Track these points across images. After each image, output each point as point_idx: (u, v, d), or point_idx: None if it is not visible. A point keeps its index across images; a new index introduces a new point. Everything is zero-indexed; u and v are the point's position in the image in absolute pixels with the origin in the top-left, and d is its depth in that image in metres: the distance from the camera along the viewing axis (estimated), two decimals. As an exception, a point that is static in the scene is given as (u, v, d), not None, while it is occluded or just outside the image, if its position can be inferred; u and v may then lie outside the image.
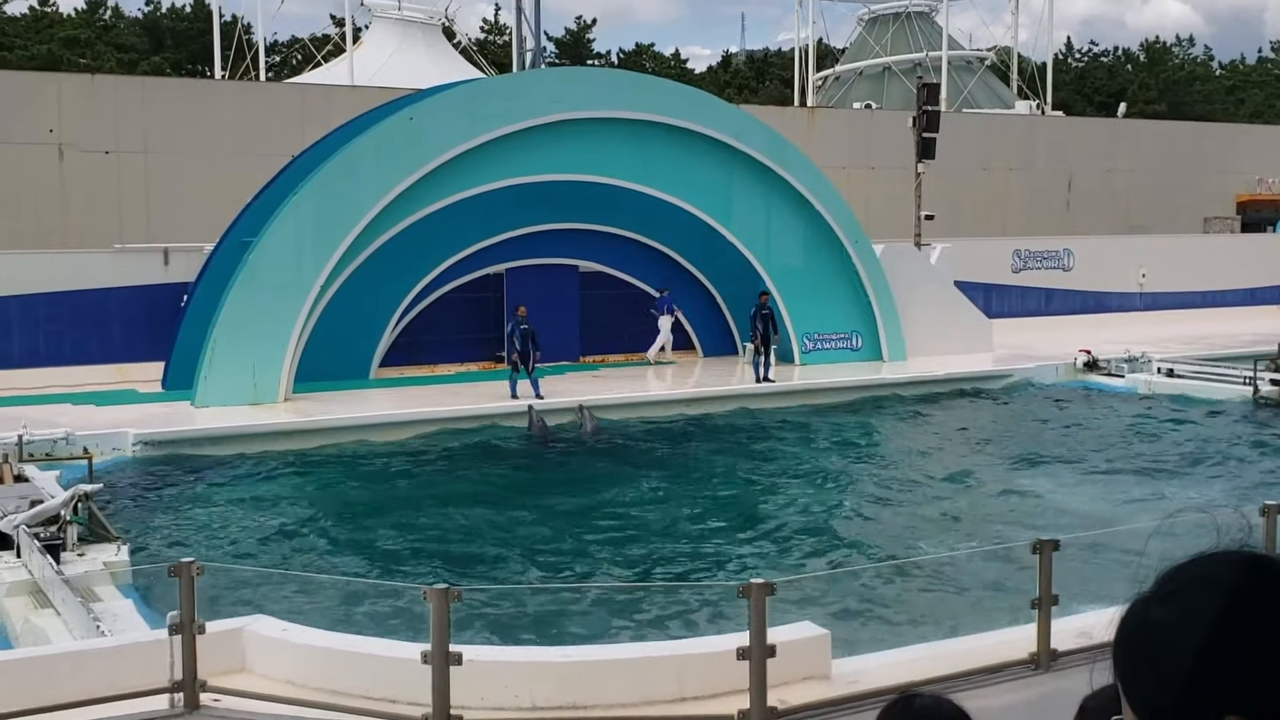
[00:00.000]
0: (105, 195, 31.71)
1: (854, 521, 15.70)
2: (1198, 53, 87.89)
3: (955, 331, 28.60)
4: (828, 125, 42.32)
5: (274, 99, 36.21)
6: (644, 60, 75.23)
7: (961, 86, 55.74)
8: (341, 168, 23.03)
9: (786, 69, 69.17)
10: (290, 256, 22.59)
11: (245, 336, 21.87)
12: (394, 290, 24.70)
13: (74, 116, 31.57)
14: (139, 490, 16.97)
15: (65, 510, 12.45)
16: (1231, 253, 39.69)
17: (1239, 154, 50.21)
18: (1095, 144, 47.51)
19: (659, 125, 25.45)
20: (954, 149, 37.38)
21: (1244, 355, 26.60)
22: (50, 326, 24.21)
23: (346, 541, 14.60)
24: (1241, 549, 1.47)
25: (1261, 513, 8.95)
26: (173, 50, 67.01)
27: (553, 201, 25.42)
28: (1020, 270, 34.96)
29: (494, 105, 24.33)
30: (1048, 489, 17.34)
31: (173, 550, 13.42)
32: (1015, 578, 10.93)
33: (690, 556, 13.95)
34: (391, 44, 48.21)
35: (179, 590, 7.62)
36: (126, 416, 20.37)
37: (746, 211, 26.59)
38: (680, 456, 19.67)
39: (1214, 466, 18.87)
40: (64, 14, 67.08)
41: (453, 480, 18.11)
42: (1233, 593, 1.40)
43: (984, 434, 22.21)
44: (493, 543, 14.49)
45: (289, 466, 18.66)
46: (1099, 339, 29.25)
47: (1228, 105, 79.25)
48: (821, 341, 27.47)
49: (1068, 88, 73.34)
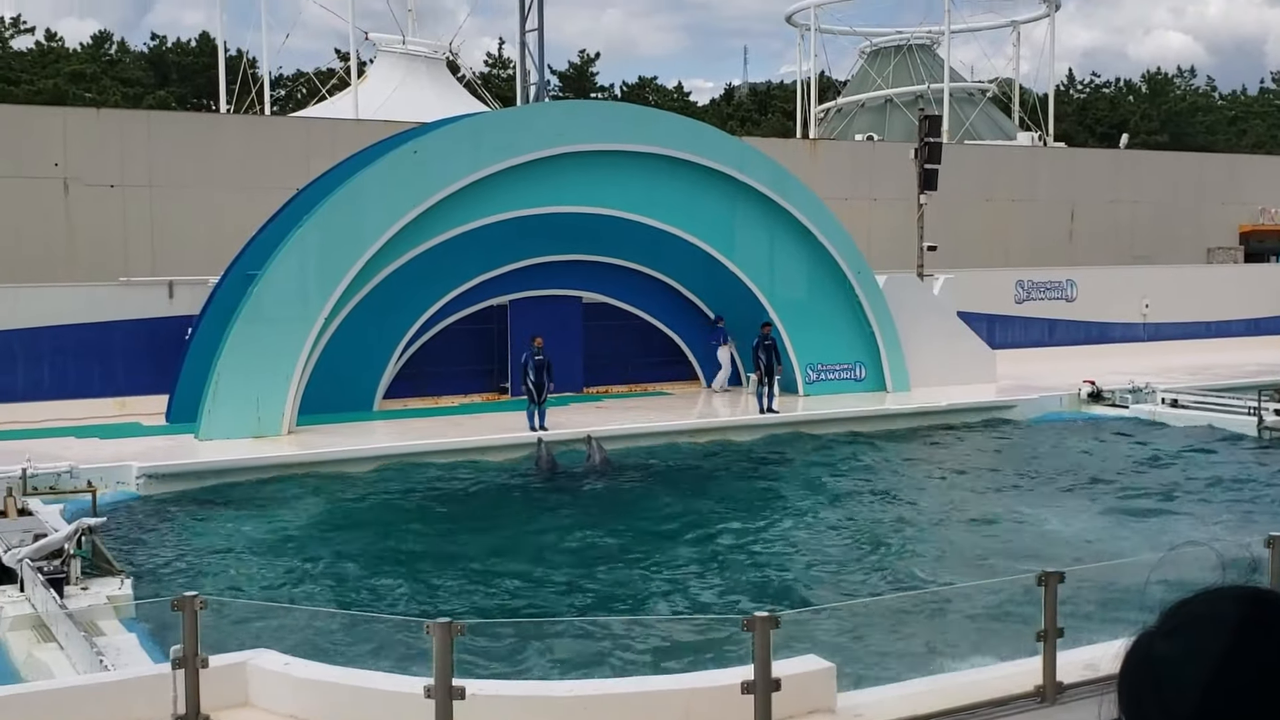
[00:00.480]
0: (110, 229, 31.81)
1: (858, 553, 15.65)
2: (1200, 83, 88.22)
3: (959, 362, 28.60)
4: (830, 157, 42.46)
5: (279, 133, 36.38)
6: (647, 93, 75.57)
7: (963, 118, 55.95)
8: (346, 201, 23.12)
9: (789, 101, 69.46)
10: (295, 289, 22.64)
11: (249, 369, 21.90)
12: (398, 322, 24.75)
13: (79, 150, 31.71)
14: (143, 524, 16.95)
15: (69, 544, 12.43)
16: (1235, 283, 39.71)
17: (1241, 184, 50.31)
18: (1098, 175, 47.62)
19: (662, 157, 25.54)
20: (956, 180, 37.48)
21: (1248, 386, 26.57)
22: (55, 360, 24.26)
23: (350, 575, 14.56)
24: (1245, 584, 1.47)
25: (1267, 544, 8.92)
26: (178, 84, 67.39)
27: (556, 233, 25.50)
28: (1023, 301, 34.98)
29: (498, 138, 24.44)
30: (1052, 520, 17.28)
31: (176, 584, 13.39)
32: (1020, 610, 10.88)
33: (693, 589, 13.90)
34: (396, 78, 48.43)
35: (182, 624, 7.61)
36: (130, 450, 20.37)
37: (749, 243, 26.65)
38: (683, 488, 19.63)
39: (1218, 498, 18.81)
40: (70, 49, 67.51)
41: (458, 514, 18.08)
42: (1237, 628, 1.41)
43: (987, 465, 22.17)
44: (497, 576, 14.45)
45: (293, 499, 18.64)
46: (1103, 369, 29.22)
47: (1230, 136, 79.47)
48: (825, 372, 27.47)
49: (1070, 119, 73.60)
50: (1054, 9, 60.58)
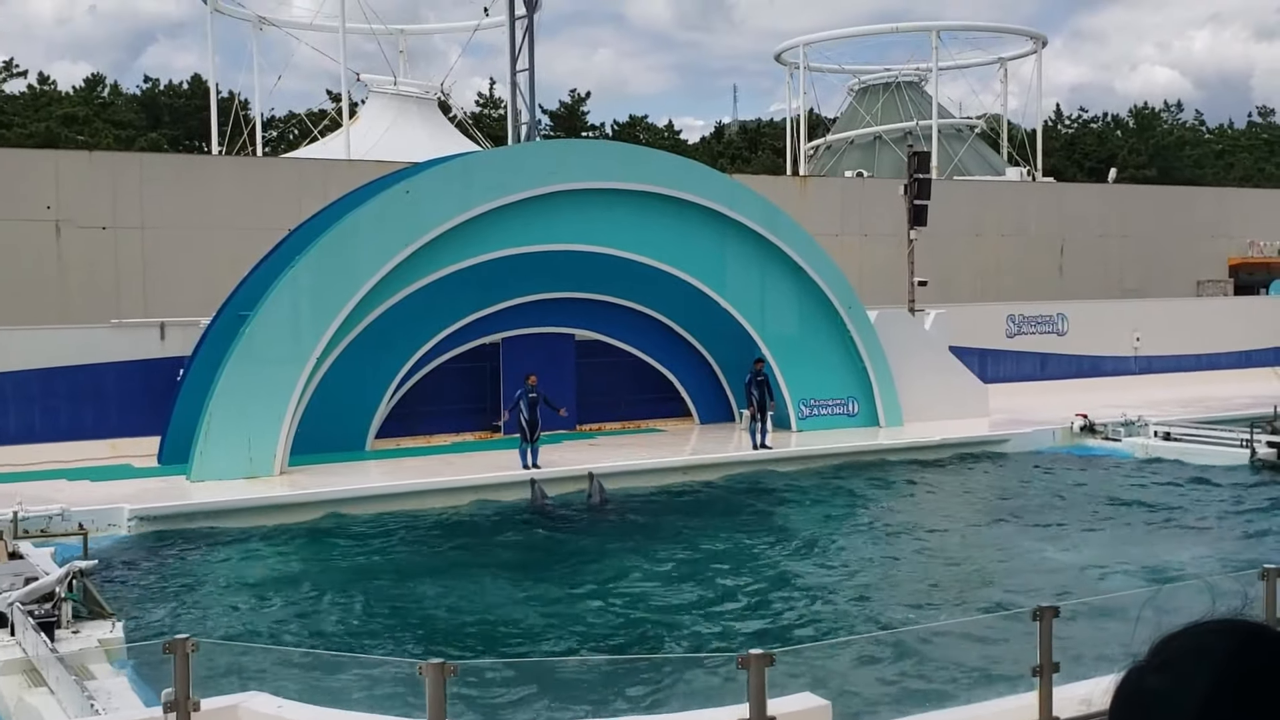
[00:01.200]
0: (102, 270, 31.84)
1: (853, 589, 15.61)
2: (1187, 118, 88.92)
3: (951, 397, 28.65)
4: (820, 193, 42.65)
5: (271, 174, 36.47)
6: (638, 131, 75.97)
7: (952, 154, 56.29)
8: (338, 241, 23.16)
9: (779, 139, 69.84)
10: (287, 329, 22.64)
11: (241, 410, 21.87)
12: (390, 362, 24.75)
13: (71, 193, 31.77)
14: (134, 566, 16.86)
15: (60, 587, 12.37)
16: (1225, 315, 39.85)
17: (1229, 217, 50.60)
18: (1087, 209, 47.88)
19: (653, 195, 25.64)
20: (946, 216, 37.69)
21: (1240, 418, 26.61)
22: (46, 402, 24.21)
23: (343, 616, 14.49)
24: (1235, 617, 1.48)
25: (1261, 576, 8.92)
26: (170, 126, 67.65)
27: (548, 271, 25.56)
28: (1015, 335, 35.08)
29: (490, 177, 24.53)
30: (1046, 554, 17.26)
31: (168, 626, 13.31)
32: (1016, 644, 10.85)
33: (688, 627, 13.85)
34: (388, 118, 48.66)
35: (174, 667, 7.56)
36: (122, 492, 20.30)
37: (741, 279, 26.73)
38: (676, 525, 19.58)
39: (1211, 530, 18.81)
40: (62, 92, 67.80)
41: (450, 552, 18.02)
42: (1227, 661, 1.41)
43: (981, 499, 22.16)
44: (491, 616, 14.39)
45: (285, 540, 18.57)
46: (1095, 403, 29.27)
47: (1217, 169, 79.99)
48: (818, 407, 27.49)
49: (1058, 154, 74.08)
50: (1040, 46, 61.13)
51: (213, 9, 48.64)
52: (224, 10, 49.85)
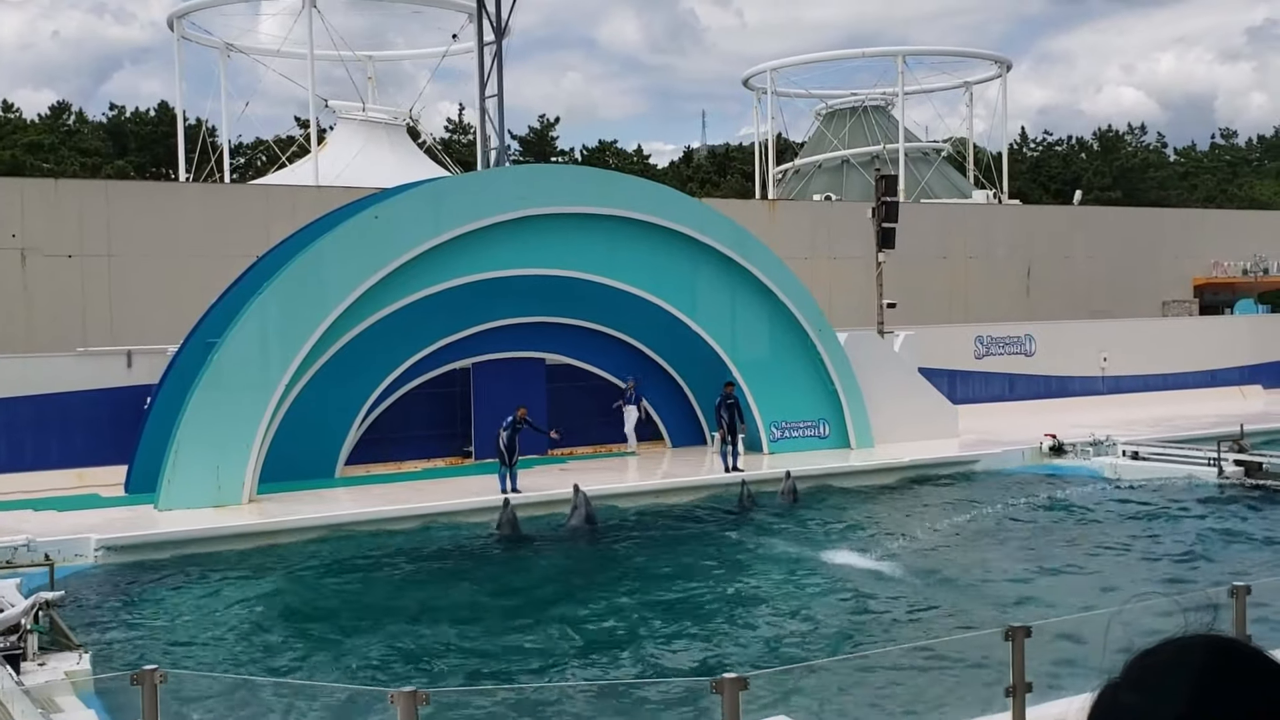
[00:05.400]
0: (69, 299, 31.61)
1: (827, 612, 15.60)
2: (1150, 140, 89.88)
3: (921, 418, 28.77)
4: (789, 217, 42.86)
5: (238, 200, 36.33)
6: (607, 156, 76.19)
7: (919, 177, 56.69)
8: (306, 267, 23.08)
9: (747, 163, 70.18)
10: (255, 356, 22.52)
11: (209, 438, 21.71)
12: (359, 388, 24.64)
13: (37, 221, 31.57)
14: (102, 597, 16.68)
15: (26, 619, 12.21)
16: (1191, 335, 40.18)
17: (1193, 238, 51.13)
18: (1053, 230, 48.30)
19: (623, 220, 25.69)
20: (914, 238, 37.91)
21: (1207, 437, 26.79)
22: (11, 432, 23.97)
23: (313, 646, 14.37)
24: (1207, 632, 1.48)
25: (1230, 594, 8.97)
26: (136, 154, 67.37)
27: (518, 296, 25.54)
28: (983, 356, 35.26)
29: (459, 203, 24.52)
30: (1015, 574, 17.31)
31: (136, 658, 13.16)
32: (988, 665, 10.87)
33: (659, 652, 13.80)
34: (356, 144, 48.62)
35: (142, 699, 7.48)
36: (89, 522, 20.09)
37: (711, 303, 26.79)
38: (647, 548, 19.54)
39: (1180, 548, 18.91)
40: (28, 120, 67.45)
41: (422, 579, 17.91)
42: (1200, 676, 1.41)
43: (951, 520, 22.20)
44: (463, 644, 14.29)
45: (254, 570, 18.40)
46: (1063, 423, 29.41)
47: (1181, 190, 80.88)
48: (789, 430, 27.54)
49: (1024, 176, 74.73)
50: (1005, 70, 61.72)
51: (179, 35, 48.55)
52: (190, 37, 49.74)
